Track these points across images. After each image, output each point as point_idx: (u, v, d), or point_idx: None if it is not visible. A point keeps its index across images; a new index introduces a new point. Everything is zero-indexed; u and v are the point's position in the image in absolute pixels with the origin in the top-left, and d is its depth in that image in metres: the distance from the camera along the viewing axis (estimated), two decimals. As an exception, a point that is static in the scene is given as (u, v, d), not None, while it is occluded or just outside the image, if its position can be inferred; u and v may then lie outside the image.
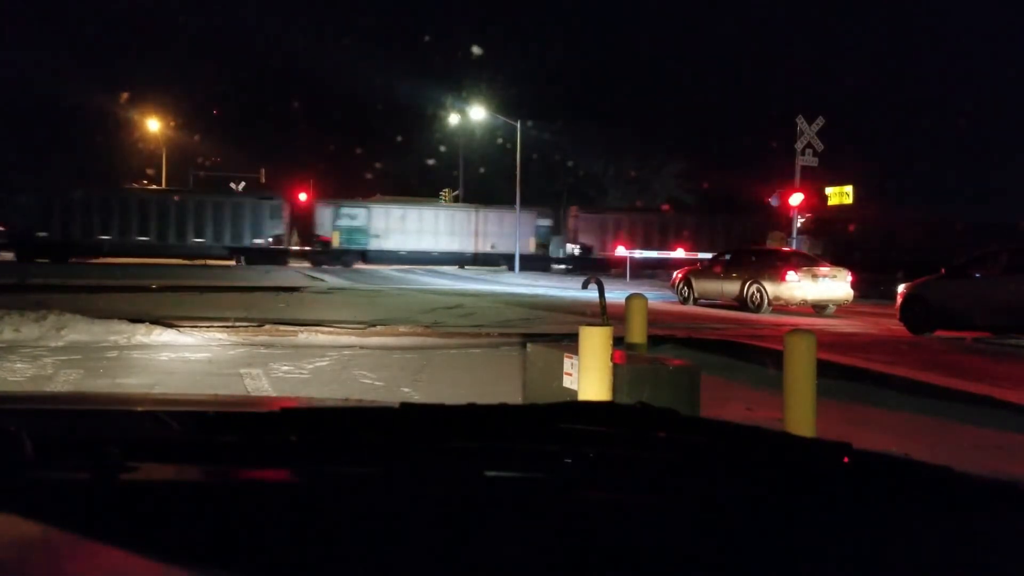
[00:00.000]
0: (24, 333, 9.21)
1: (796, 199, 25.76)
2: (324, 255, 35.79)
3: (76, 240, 33.92)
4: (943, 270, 12.93)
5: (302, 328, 10.60)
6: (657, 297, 16.71)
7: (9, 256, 33.35)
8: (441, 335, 10.85)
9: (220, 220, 35.49)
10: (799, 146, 25.81)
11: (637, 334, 6.45)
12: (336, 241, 36.26)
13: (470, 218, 38.38)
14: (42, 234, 33.53)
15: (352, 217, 36.48)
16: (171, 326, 10.02)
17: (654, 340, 8.07)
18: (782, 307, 16.56)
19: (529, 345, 5.72)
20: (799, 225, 27.12)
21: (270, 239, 35.63)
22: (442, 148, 49.44)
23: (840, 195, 27.46)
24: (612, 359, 4.65)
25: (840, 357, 8.55)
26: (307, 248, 36.90)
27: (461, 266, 37.11)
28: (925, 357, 9.85)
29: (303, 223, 37.07)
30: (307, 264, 35.48)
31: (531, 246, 37.96)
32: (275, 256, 34.88)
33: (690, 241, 36.38)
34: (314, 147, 57.15)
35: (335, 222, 36.19)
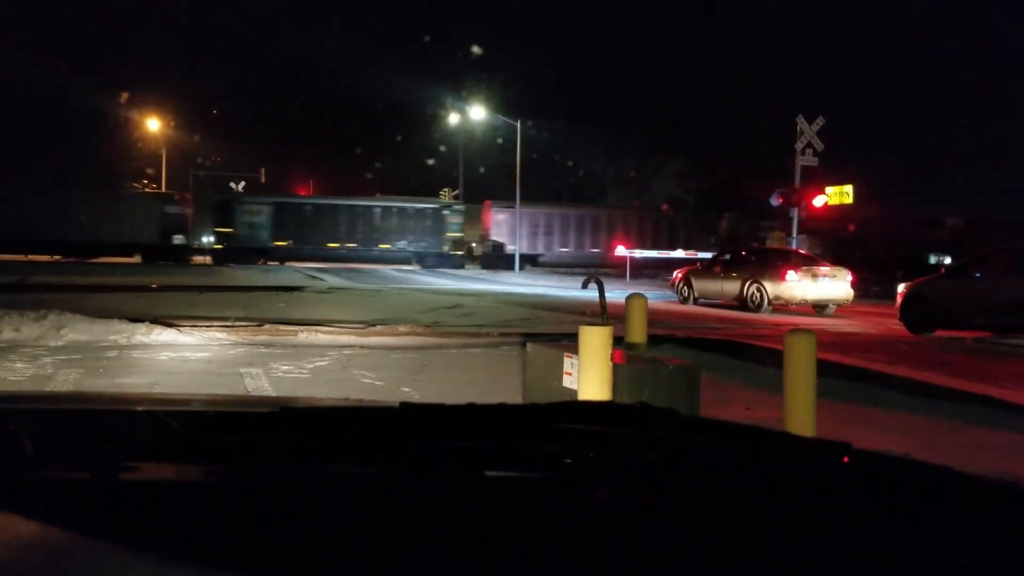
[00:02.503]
0: (24, 333, 9.21)
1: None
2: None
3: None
4: (943, 270, 12.93)
5: (302, 328, 10.59)
6: (657, 297, 16.71)
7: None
8: (441, 335, 10.85)
9: (403, 227, 37.12)
10: (799, 146, 25.77)
11: (637, 334, 6.44)
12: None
13: None
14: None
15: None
16: (171, 325, 10.02)
17: (654, 340, 8.07)
18: (782, 307, 16.56)
19: (529, 345, 5.72)
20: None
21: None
22: (442, 148, 49.48)
23: (840, 195, 27.42)
24: (612, 359, 4.65)
25: (840, 357, 8.55)
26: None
27: (462, 266, 37.19)
28: (925, 357, 9.85)
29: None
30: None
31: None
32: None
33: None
34: (314, 147, 57.17)
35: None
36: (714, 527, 0.99)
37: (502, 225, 37.96)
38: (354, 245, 36.94)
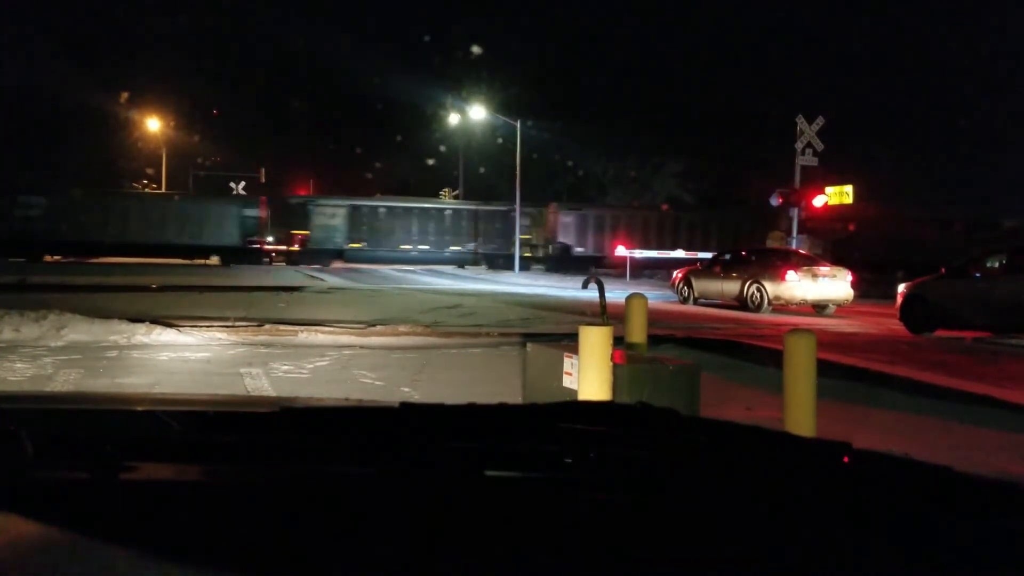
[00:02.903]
0: (24, 333, 9.21)
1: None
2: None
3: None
4: (943, 270, 12.93)
5: (302, 328, 10.59)
6: (657, 297, 16.71)
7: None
8: (441, 335, 10.85)
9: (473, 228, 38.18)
10: (799, 146, 25.78)
11: (637, 334, 6.44)
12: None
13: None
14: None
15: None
16: (171, 326, 10.02)
17: (654, 340, 8.07)
18: (782, 307, 16.56)
19: (529, 345, 5.72)
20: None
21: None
22: (442, 148, 49.49)
23: (840, 195, 27.42)
24: (612, 359, 4.65)
25: (840, 357, 8.55)
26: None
27: (461, 266, 37.21)
28: (925, 357, 9.85)
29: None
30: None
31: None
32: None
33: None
34: (314, 147, 57.19)
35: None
36: (714, 527, 0.99)
37: (569, 227, 38.04)
38: (427, 247, 37.59)
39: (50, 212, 34.41)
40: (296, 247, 36.83)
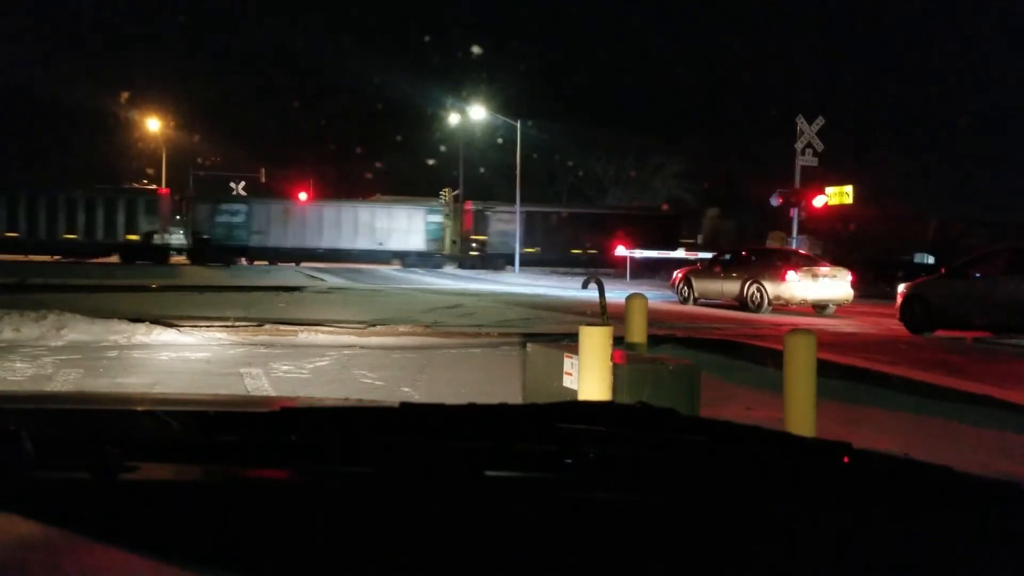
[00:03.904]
0: (24, 333, 9.21)
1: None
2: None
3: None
4: (943, 270, 12.93)
5: (302, 328, 10.60)
6: (657, 297, 16.71)
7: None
8: (441, 335, 10.86)
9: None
10: (799, 146, 25.80)
11: (637, 334, 6.45)
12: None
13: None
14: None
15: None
16: (171, 326, 10.02)
17: (654, 340, 8.07)
18: (782, 307, 16.56)
19: (529, 345, 5.72)
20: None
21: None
22: (442, 148, 49.48)
23: (840, 195, 27.44)
24: (612, 359, 4.65)
25: (840, 357, 8.55)
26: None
27: (461, 266, 37.26)
28: (925, 357, 9.85)
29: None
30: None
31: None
32: None
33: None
34: (314, 147, 57.20)
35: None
36: (715, 527, 0.99)
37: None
38: (595, 252, 37.78)
39: (249, 220, 36.21)
40: (476, 252, 37.67)
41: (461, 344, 10.07)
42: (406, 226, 37.85)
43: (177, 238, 37.42)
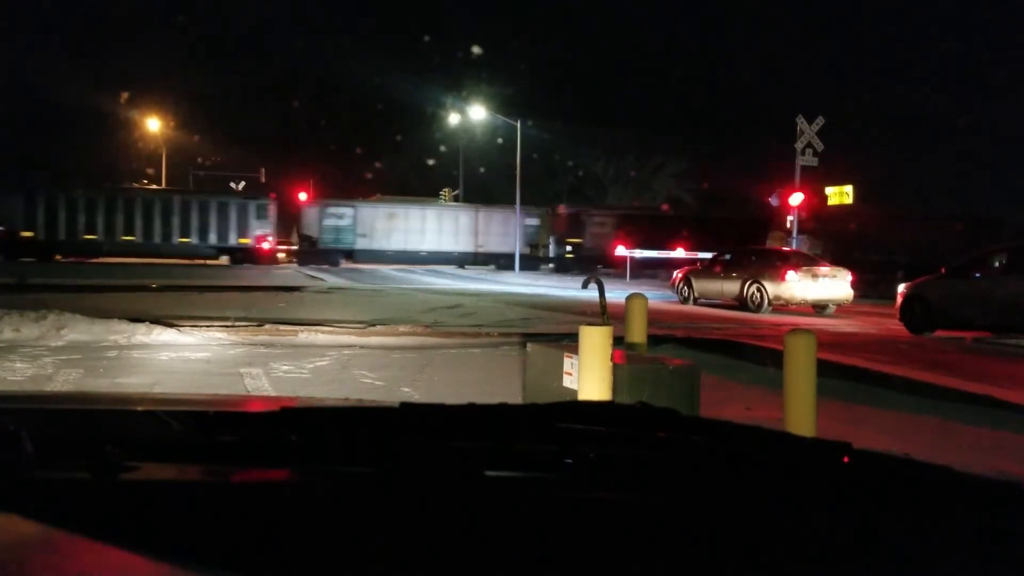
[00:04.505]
0: (24, 333, 9.21)
1: (796, 199, 25.77)
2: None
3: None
4: (943, 270, 12.93)
5: (302, 328, 10.60)
6: (657, 297, 16.71)
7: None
8: (441, 335, 10.86)
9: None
10: (799, 146, 25.80)
11: (637, 334, 6.45)
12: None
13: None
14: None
15: None
16: (171, 325, 10.02)
17: (654, 340, 8.07)
18: (782, 307, 16.56)
19: (529, 345, 5.72)
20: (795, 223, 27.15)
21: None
22: (442, 148, 49.49)
23: (840, 195, 27.45)
24: (612, 359, 4.65)
25: (840, 357, 8.55)
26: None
27: (461, 266, 37.28)
28: (925, 357, 9.85)
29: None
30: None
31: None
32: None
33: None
34: (314, 147, 57.22)
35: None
36: (714, 527, 0.99)
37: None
38: (695, 254, 38.12)
39: (355, 223, 37.40)
40: (571, 255, 38.01)
41: (461, 344, 10.07)
42: (502, 229, 38.54)
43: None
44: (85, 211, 34.88)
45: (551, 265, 37.86)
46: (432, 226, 38.43)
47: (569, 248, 38.05)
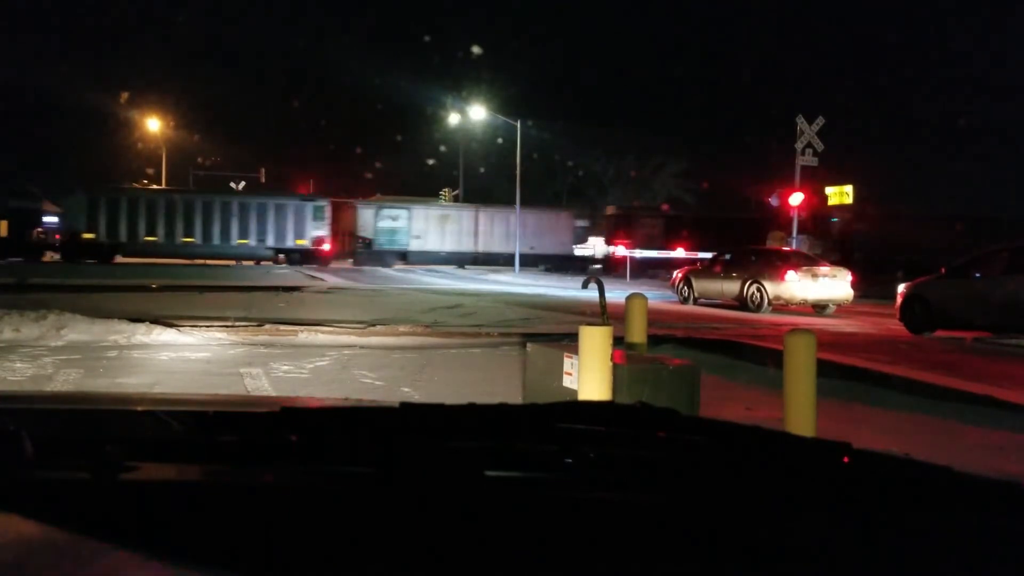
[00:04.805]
0: (24, 333, 9.21)
1: (796, 199, 25.77)
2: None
3: None
4: (943, 270, 12.92)
5: (302, 328, 10.60)
6: (657, 297, 16.70)
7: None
8: (441, 335, 10.85)
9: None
10: (799, 146, 25.79)
11: (637, 334, 6.45)
12: None
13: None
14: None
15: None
16: (171, 326, 10.02)
17: (654, 340, 8.07)
18: (782, 307, 16.56)
19: (529, 345, 5.72)
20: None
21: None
22: (442, 148, 49.50)
23: (840, 195, 27.44)
24: (612, 359, 4.65)
25: (840, 357, 8.55)
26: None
27: (461, 266, 37.30)
28: (925, 357, 9.85)
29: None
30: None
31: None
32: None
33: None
34: (314, 147, 57.22)
35: None
36: (714, 527, 0.99)
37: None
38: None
39: (410, 224, 37.91)
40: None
41: (461, 344, 10.07)
42: (552, 230, 38.94)
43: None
44: (146, 213, 35.41)
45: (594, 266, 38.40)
46: (484, 228, 38.98)
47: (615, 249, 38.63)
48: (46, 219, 38.09)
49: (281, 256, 35.92)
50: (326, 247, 36.36)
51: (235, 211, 36.26)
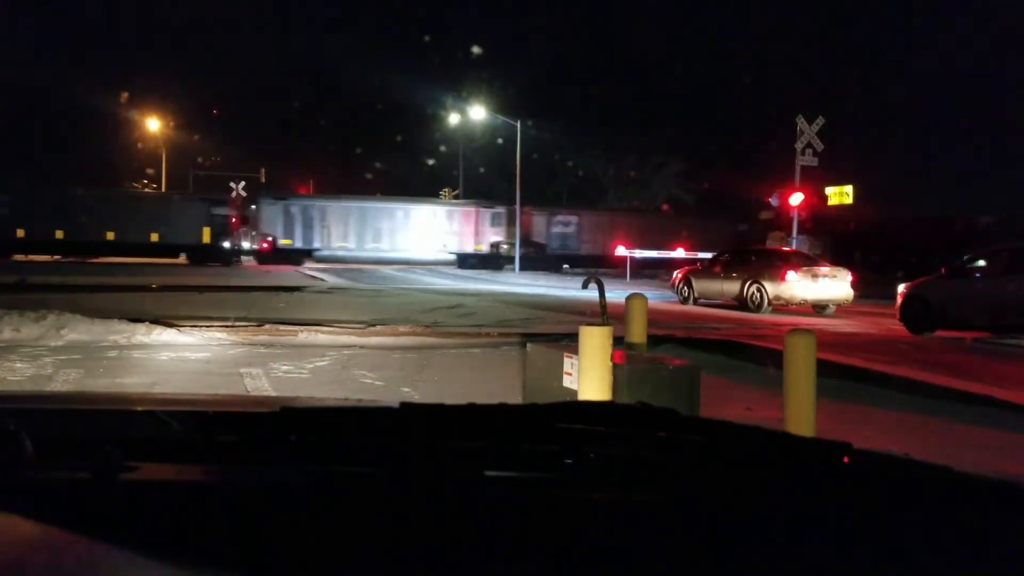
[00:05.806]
0: (24, 333, 9.21)
1: (796, 199, 25.78)
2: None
3: None
4: (943, 270, 12.92)
5: (302, 328, 10.60)
6: (657, 297, 16.71)
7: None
8: (441, 335, 10.85)
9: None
10: (799, 146, 25.79)
11: (637, 334, 6.45)
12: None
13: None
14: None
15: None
16: (171, 325, 10.02)
17: (654, 340, 8.07)
18: (782, 307, 16.56)
19: (529, 345, 5.72)
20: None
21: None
22: (442, 148, 49.49)
23: (840, 195, 27.44)
24: (612, 359, 4.65)
25: (840, 357, 8.55)
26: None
27: (460, 265, 37.31)
28: (925, 357, 9.85)
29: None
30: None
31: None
32: None
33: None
34: (314, 147, 57.25)
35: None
36: (714, 527, 0.99)
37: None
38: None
39: (580, 230, 39.59)
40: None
41: (461, 344, 10.06)
42: (716, 235, 39.17)
43: (507, 247, 39.77)
44: (340, 222, 37.20)
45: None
46: (652, 233, 39.30)
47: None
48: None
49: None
50: (504, 251, 37.54)
51: (427, 217, 38.02)
